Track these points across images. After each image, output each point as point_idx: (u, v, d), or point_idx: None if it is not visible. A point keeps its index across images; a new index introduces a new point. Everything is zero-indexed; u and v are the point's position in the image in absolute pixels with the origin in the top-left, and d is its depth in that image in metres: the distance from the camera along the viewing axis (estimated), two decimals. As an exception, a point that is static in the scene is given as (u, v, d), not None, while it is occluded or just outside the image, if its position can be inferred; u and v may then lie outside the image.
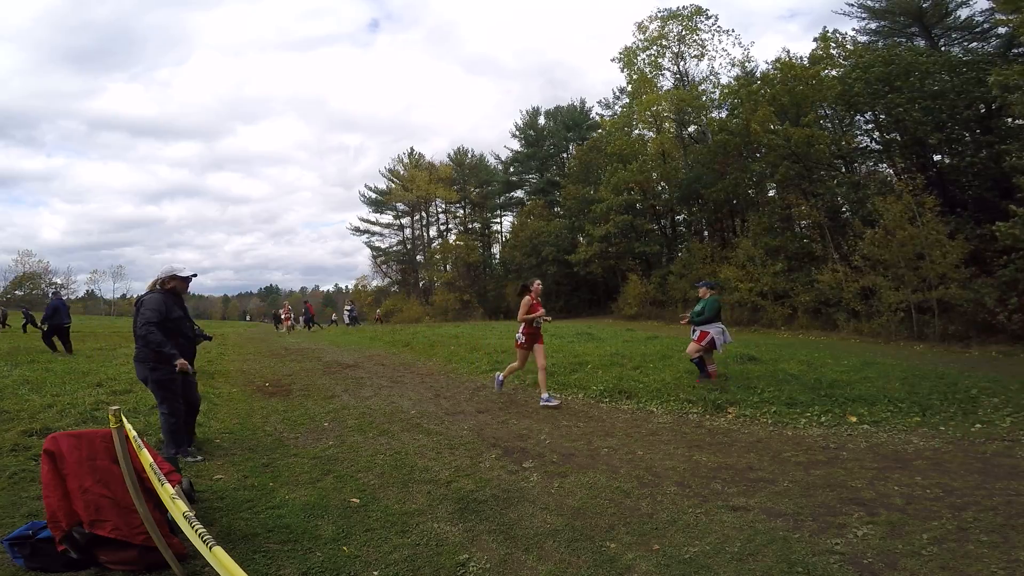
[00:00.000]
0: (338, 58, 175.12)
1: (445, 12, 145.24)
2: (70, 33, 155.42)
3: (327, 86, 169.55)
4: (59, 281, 54.62)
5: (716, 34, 27.44)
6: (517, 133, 44.41)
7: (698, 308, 7.43)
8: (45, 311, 12.28)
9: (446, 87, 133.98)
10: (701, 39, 27.67)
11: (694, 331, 7.45)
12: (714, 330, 7.21)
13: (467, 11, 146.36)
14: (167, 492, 2.37)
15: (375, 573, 2.78)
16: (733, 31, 28.07)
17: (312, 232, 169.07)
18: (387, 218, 48.33)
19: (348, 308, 29.83)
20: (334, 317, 28.57)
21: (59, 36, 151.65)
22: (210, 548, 1.74)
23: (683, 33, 27.76)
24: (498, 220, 48.01)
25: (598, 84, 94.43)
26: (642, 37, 28.40)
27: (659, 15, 27.82)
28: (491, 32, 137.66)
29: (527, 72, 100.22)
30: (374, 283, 49.02)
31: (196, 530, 1.92)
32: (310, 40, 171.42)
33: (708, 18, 27.46)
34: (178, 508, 2.21)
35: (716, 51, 27.91)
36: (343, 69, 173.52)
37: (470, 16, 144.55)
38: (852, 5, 23.05)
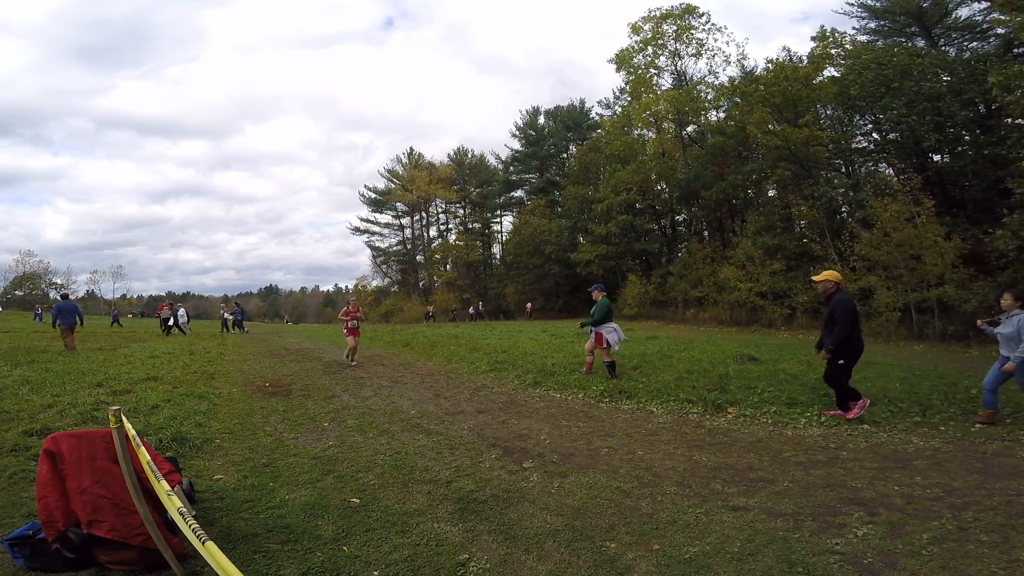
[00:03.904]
0: (351, 56, 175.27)
1: (460, 11, 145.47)
2: (85, 30, 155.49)
3: (339, 84, 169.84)
4: (59, 281, 54.63)
5: (710, 32, 27.42)
6: (517, 133, 44.44)
7: (592, 311, 8.09)
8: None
9: (457, 86, 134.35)
10: (698, 38, 27.64)
11: (591, 332, 8.08)
12: (607, 332, 7.85)
13: (481, 10, 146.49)
14: (163, 488, 2.37)
15: (375, 573, 2.78)
16: (726, 28, 27.76)
17: (315, 232, 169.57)
18: (387, 218, 48.41)
19: (235, 309, 26.82)
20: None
21: (73, 33, 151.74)
22: (203, 543, 1.74)
23: (678, 32, 27.72)
24: (498, 220, 48.04)
25: (607, 84, 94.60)
26: (637, 38, 28.38)
27: (652, 15, 27.78)
28: (504, 31, 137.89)
29: (538, 72, 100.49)
30: (374, 283, 49.07)
31: (190, 525, 1.93)
32: (325, 38, 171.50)
33: (700, 15, 27.44)
34: (173, 504, 2.21)
35: (713, 49, 27.77)
36: (356, 67, 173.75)
37: (484, 15, 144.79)
38: (852, 4, 23.10)
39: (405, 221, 48.15)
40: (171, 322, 20.19)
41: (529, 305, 34.81)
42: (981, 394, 5.49)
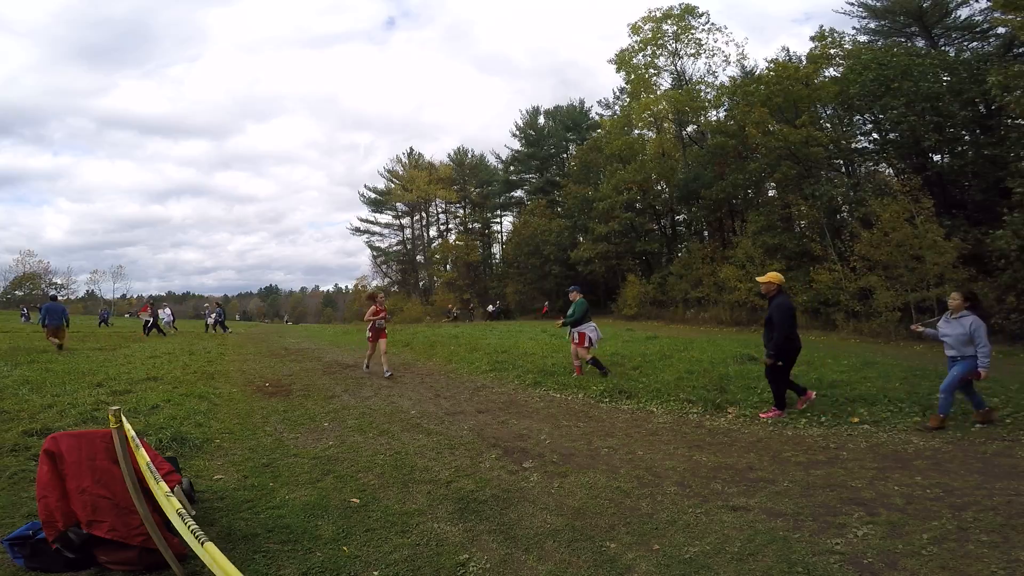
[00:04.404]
0: (353, 56, 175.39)
1: (461, 11, 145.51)
2: (87, 29, 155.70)
3: (341, 84, 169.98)
4: (59, 281, 54.64)
5: (710, 32, 27.44)
6: (517, 133, 44.42)
7: (570, 311, 8.24)
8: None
9: (459, 86, 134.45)
10: (697, 38, 27.65)
11: (571, 334, 8.24)
12: (588, 330, 8.05)
13: (483, 10, 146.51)
14: (161, 490, 2.37)
15: (375, 573, 2.78)
16: (726, 28, 27.79)
17: (316, 232, 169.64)
18: (387, 218, 48.38)
19: (216, 309, 25.34)
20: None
21: (76, 32, 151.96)
22: (202, 544, 1.75)
23: (678, 32, 27.75)
24: (498, 220, 48.01)
25: (609, 84, 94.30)
26: (637, 39, 28.39)
27: (652, 15, 27.79)
28: (505, 31, 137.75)
29: (539, 72, 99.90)
30: (374, 283, 49.04)
31: (189, 527, 1.93)
32: (327, 37, 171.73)
33: (700, 16, 27.47)
34: (171, 505, 2.21)
35: (713, 50, 27.80)
36: (357, 67, 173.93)
37: (486, 15, 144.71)
38: (852, 4, 23.07)
39: (405, 221, 48.13)
40: (151, 324, 19.48)
41: (547, 304, 34.42)
42: (981, 394, 5.49)
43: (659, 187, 29.27)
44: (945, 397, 5.22)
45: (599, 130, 35.31)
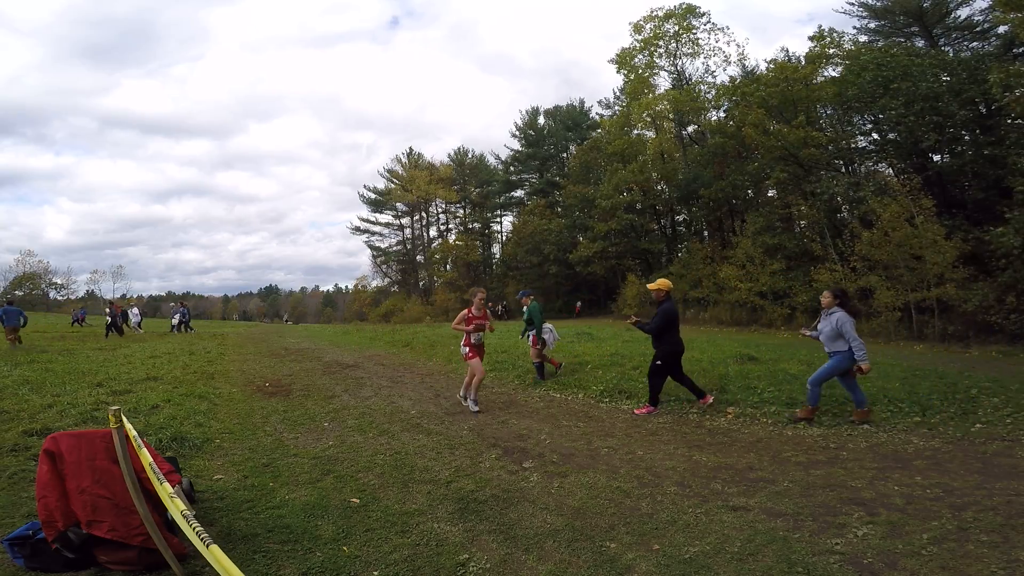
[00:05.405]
0: (356, 55, 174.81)
1: (465, 10, 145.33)
2: (90, 28, 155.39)
3: (344, 84, 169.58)
4: (59, 281, 54.71)
5: (711, 32, 27.49)
6: (517, 133, 44.42)
7: (526, 316, 8.40)
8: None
9: (461, 86, 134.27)
10: (695, 38, 27.70)
11: (528, 336, 8.40)
12: (544, 332, 8.25)
13: (487, 9, 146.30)
14: (165, 491, 2.37)
15: (375, 573, 2.78)
16: (727, 28, 27.85)
17: (317, 232, 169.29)
18: (387, 218, 48.41)
19: (181, 309, 24.48)
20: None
21: (79, 31, 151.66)
22: (207, 546, 1.74)
23: (679, 32, 27.79)
24: (498, 220, 48.03)
25: (611, 84, 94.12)
26: (639, 38, 28.43)
27: (654, 15, 27.83)
28: (509, 31, 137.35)
29: (542, 72, 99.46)
30: (374, 283, 49.09)
31: (194, 528, 1.93)
32: (330, 37, 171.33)
33: (701, 15, 27.52)
34: (176, 506, 2.21)
35: (712, 49, 27.83)
36: (361, 67, 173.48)
37: (489, 14, 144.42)
38: (853, 4, 23.08)
39: (405, 221, 48.18)
40: (110, 323, 19.44)
41: (579, 304, 33.65)
42: (981, 394, 5.49)
43: (659, 187, 29.28)
44: (812, 390, 5.57)
45: (599, 130, 35.33)
